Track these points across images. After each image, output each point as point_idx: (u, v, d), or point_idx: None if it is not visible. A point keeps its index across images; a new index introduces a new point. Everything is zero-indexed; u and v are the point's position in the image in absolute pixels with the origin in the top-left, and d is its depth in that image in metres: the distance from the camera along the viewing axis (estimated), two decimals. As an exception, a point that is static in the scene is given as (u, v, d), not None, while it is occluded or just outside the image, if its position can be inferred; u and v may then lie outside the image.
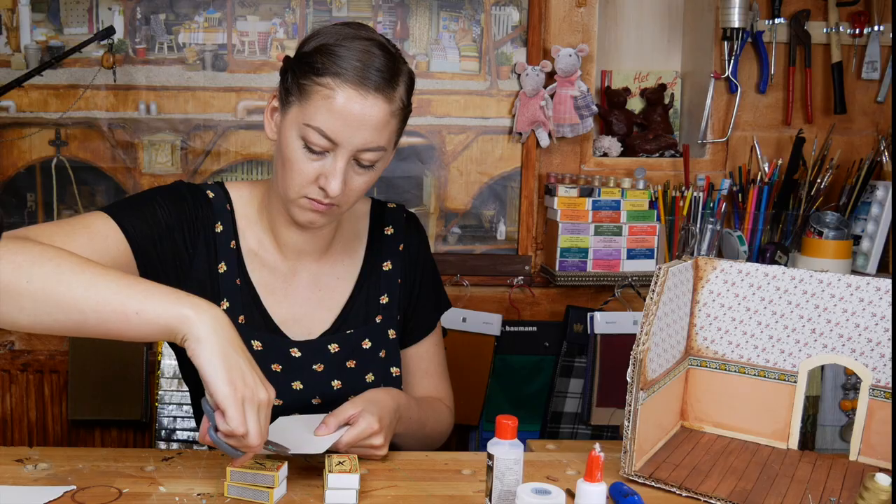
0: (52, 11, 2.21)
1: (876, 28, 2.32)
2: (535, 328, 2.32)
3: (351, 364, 1.40)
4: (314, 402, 1.38)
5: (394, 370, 1.44)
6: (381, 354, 1.43)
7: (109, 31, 2.12)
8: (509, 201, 2.35)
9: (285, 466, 1.18)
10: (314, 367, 1.38)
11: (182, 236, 1.31)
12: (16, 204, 2.27)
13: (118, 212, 1.26)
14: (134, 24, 2.23)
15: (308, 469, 1.27)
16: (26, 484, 1.20)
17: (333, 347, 1.39)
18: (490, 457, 1.10)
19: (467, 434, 2.31)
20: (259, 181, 1.43)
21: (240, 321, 1.34)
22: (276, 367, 1.35)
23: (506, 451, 1.10)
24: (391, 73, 1.22)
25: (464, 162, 2.33)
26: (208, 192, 1.37)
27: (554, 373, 2.28)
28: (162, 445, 2.10)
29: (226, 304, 1.34)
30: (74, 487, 1.18)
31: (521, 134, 2.30)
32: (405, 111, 1.27)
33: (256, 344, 1.34)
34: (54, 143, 2.26)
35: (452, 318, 2.23)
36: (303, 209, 1.27)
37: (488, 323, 2.26)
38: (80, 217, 1.24)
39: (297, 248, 1.38)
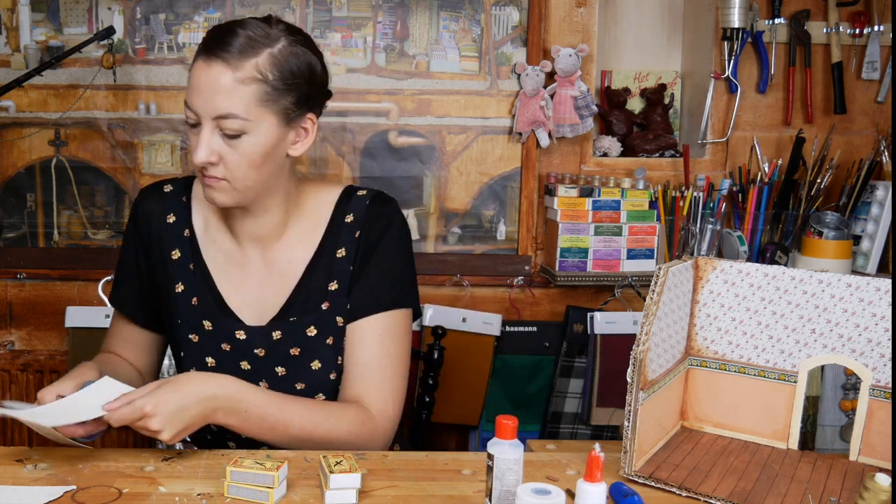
0: (52, 11, 2.21)
1: (876, 28, 2.32)
2: (535, 328, 2.32)
3: (295, 352, 1.41)
4: (262, 384, 1.41)
5: (339, 358, 1.41)
6: (329, 342, 1.41)
7: (109, 31, 2.12)
8: (509, 201, 2.35)
9: (285, 466, 1.18)
10: (256, 351, 1.41)
11: (143, 248, 1.46)
12: (15, 204, 2.27)
13: (113, 295, 1.50)
14: (133, 24, 2.23)
15: (309, 469, 1.27)
16: (26, 484, 1.20)
17: (276, 335, 1.41)
18: (490, 457, 1.10)
19: (467, 434, 2.32)
20: None
21: (193, 303, 1.42)
22: (226, 347, 1.42)
23: (506, 451, 1.10)
24: (242, 44, 1.27)
25: (464, 162, 2.33)
26: (166, 186, 1.48)
27: (554, 373, 2.28)
28: (162, 445, 2.10)
29: (181, 288, 1.43)
30: (74, 487, 1.18)
31: (521, 134, 2.30)
32: (268, 84, 1.28)
33: (207, 324, 1.42)
34: (54, 143, 2.26)
35: (452, 318, 2.23)
36: (203, 186, 1.35)
37: (488, 323, 2.26)
38: (112, 320, 1.53)
39: (249, 232, 1.42)
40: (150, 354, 1.52)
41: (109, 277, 2.27)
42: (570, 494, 1.17)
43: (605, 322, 2.23)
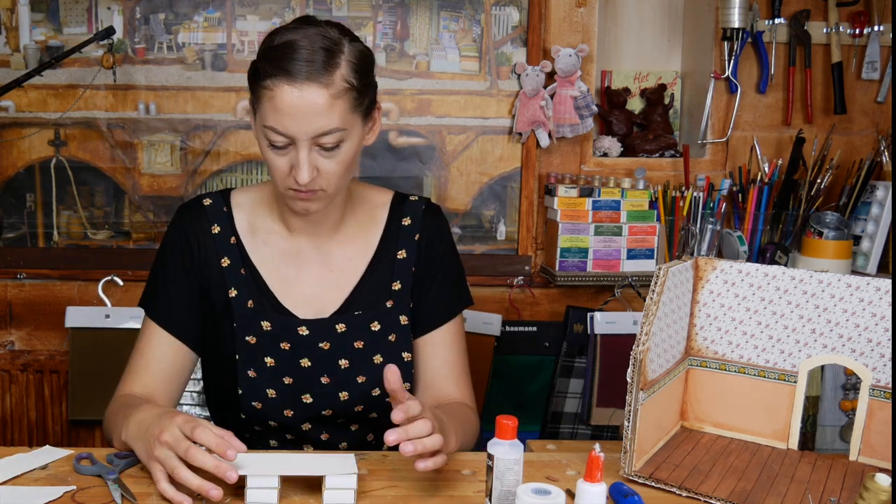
0: (52, 11, 2.21)
1: (876, 28, 2.32)
2: (535, 328, 2.32)
3: (359, 345, 1.44)
4: (323, 381, 1.42)
5: (405, 355, 1.46)
6: (391, 338, 1.45)
7: (109, 31, 2.12)
8: (509, 201, 2.35)
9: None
10: (321, 345, 1.43)
11: (192, 264, 1.45)
12: (15, 204, 2.27)
13: (151, 306, 1.45)
14: (133, 24, 2.23)
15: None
16: (26, 484, 1.20)
17: (340, 327, 1.43)
18: (490, 457, 1.10)
19: (467, 434, 2.31)
20: (268, 181, 1.51)
21: (249, 306, 1.43)
22: (285, 346, 1.42)
23: (506, 451, 1.10)
24: (323, 59, 1.27)
25: (464, 162, 2.33)
26: (206, 200, 1.48)
27: (554, 373, 2.28)
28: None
29: (234, 293, 1.43)
30: (74, 488, 1.18)
31: (521, 134, 2.30)
32: (355, 90, 1.30)
33: (265, 325, 1.42)
34: (53, 144, 2.26)
35: (452, 318, 2.23)
36: (293, 200, 1.35)
37: (488, 323, 2.25)
38: (139, 337, 1.46)
39: (305, 229, 1.46)
40: (179, 384, 1.47)
41: (109, 278, 2.27)
42: (570, 494, 1.17)
43: (605, 322, 2.23)
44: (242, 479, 1.14)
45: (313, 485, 1.21)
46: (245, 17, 2.24)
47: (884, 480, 1.05)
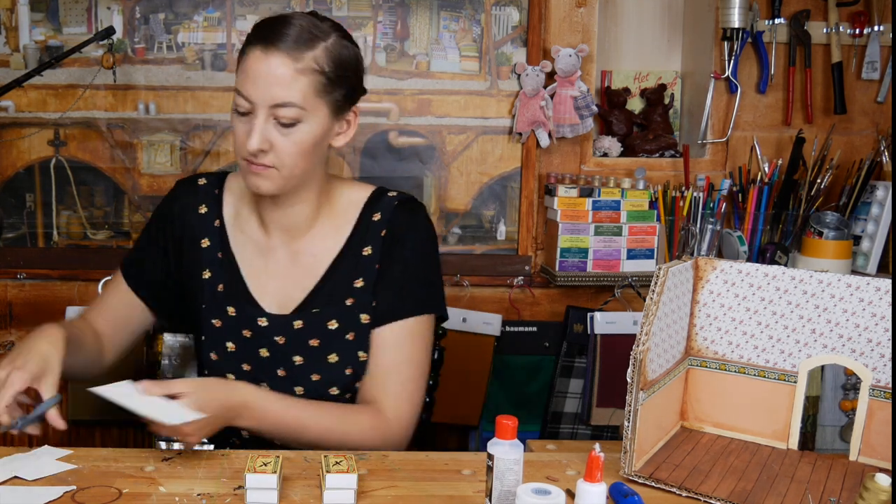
0: (51, 11, 2.21)
1: (876, 28, 2.31)
2: (535, 328, 2.32)
3: (314, 343, 1.44)
4: (279, 373, 1.45)
5: (361, 354, 1.44)
6: (349, 337, 1.44)
7: (109, 31, 2.12)
8: (509, 201, 2.35)
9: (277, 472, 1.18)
10: (276, 338, 1.44)
11: (172, 238, 1.51)
12: (15, 204, 2.27)
13: (124, 261, 1.56)
14: (133, 24, 2.23)
15: (309, 469, 1.27)
16: (26, 484, 1.20)
17: (297, 324, 1.44)
18: (490, 457, 1.10)
19: (467, 434, 2.32)
20: None
21: (219, 289, 1.46)
22: (247, 333, 1.45)
23: (506, 451, 1.10)
24: (301, 35, 1.31)
25: (464, 162, 2.33)
26: (201, 179, 1.54)
27: (554, 373, 2.28)
28: (162, 445, 2.09)
29: (208, 274, 1.47)
30: (74, 487, 1.19)
31: (521, 134, 2.30)
32: (324, 75, 1.33)
33: (231, 310, 1.46)
34: (53, 144, 2.26)
35: (453, 319, 2.23)
36: (247, 173, 1.37)
37: (488, 323, 2.26)
38: (106, 283, 1.60)
39: (278, 223, 1.46)
40: (127, 335, 1.55)
41: (109, 277, 2.26)
42: (570, 494, 1.17)
43: (605, 322, 2.23)
44: (243, 480, 1.14)
45: (313, 485, 1.21)
46: (245, 17, 2.24)
47: (884, 480, 1.05)
